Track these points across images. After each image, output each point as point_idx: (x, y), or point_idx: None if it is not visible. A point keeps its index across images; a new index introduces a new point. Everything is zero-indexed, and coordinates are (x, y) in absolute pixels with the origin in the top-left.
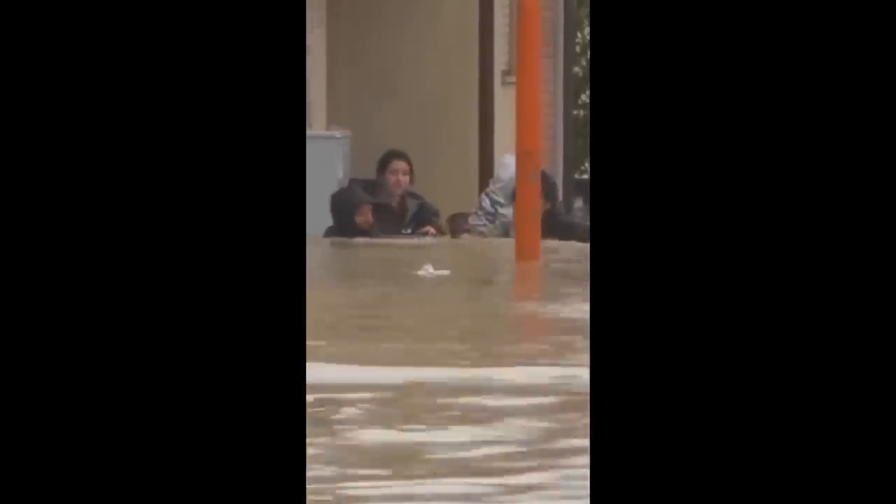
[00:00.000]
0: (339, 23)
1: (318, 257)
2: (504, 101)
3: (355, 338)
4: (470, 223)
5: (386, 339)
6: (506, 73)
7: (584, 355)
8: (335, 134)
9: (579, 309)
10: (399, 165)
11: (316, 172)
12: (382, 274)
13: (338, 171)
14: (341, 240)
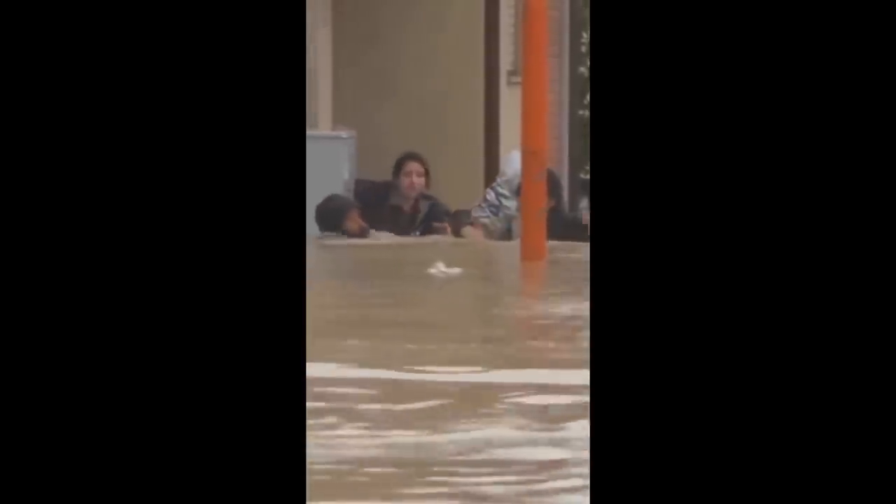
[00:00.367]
0: (345, 22)
1: (329, 258)
2: (510, 101)
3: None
4: (473, 215)
5: (397, 338)
6: (511, 72)
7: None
8: (341, 134)
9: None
10: (413, 167)
11: (321, 173)
12: (391, 273)
13: (343, 172)
14: (345, 241)
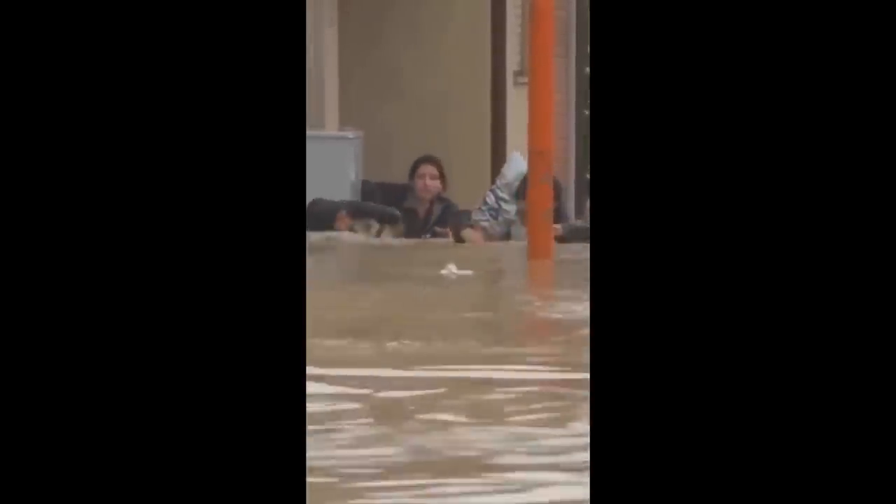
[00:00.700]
0: (351, 23)
1: (338, 258)
2: (516, 102)
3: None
4: (473, 219)
5: (406, 338)
6: (518, 73)
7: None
8: (347, 134)
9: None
10: (426, 170)
11: (328, 173)
12: (401, 274)
13: (350, 172)
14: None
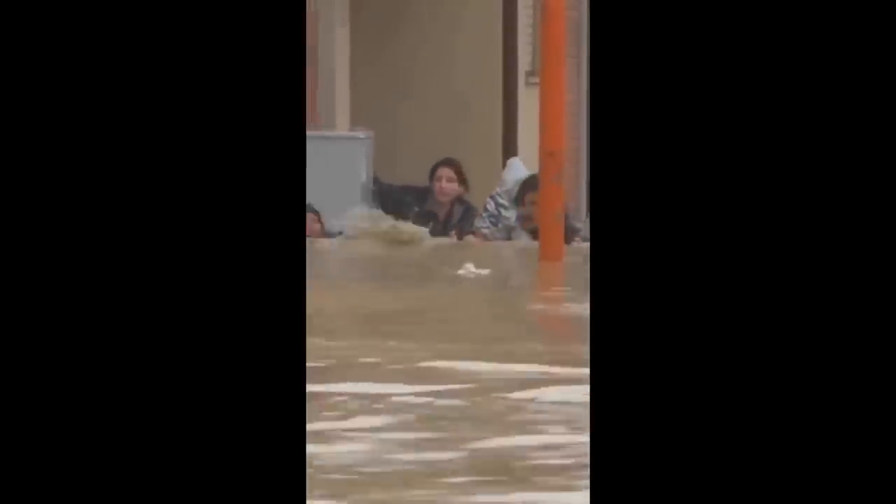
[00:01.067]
0: (363, 22)
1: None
2: (528, 102)
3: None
4: (475, 226)
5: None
6: (529, 73)
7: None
8: (358, 135)
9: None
10: (444, 172)
11: (339, 173)
12: (420, 274)
13: (361, 173)
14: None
